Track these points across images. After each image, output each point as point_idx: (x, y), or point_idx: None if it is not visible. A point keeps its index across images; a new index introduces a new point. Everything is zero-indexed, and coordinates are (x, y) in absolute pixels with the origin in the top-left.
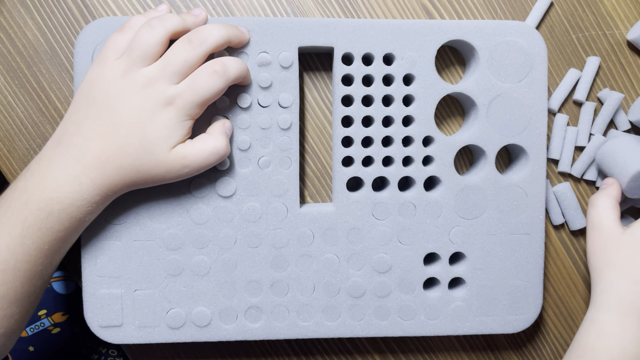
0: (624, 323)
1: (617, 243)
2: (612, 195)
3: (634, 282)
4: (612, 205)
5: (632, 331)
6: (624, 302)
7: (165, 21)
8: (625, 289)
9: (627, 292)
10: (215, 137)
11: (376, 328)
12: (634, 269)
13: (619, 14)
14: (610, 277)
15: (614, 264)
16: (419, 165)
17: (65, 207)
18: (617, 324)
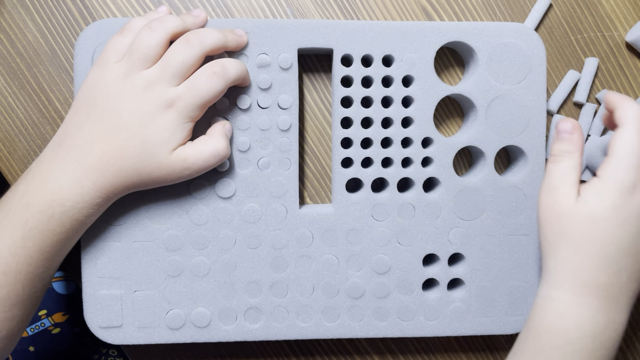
0: (580, 301)
1: (572, 214)
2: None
3: (589, 257)
4: (574, 167)
5: (589, 310)
6: (579, 279)
7: (165, 23)
8: (580, 265)
9: (582, 268)
10: (216, 139)
11: (375, 329)
12: (589, 245)
13: (618, 15)
14: (564, 252)
15: (568, 238)
16: (418, 166)
17: (66, 209)
18: (573, 302)
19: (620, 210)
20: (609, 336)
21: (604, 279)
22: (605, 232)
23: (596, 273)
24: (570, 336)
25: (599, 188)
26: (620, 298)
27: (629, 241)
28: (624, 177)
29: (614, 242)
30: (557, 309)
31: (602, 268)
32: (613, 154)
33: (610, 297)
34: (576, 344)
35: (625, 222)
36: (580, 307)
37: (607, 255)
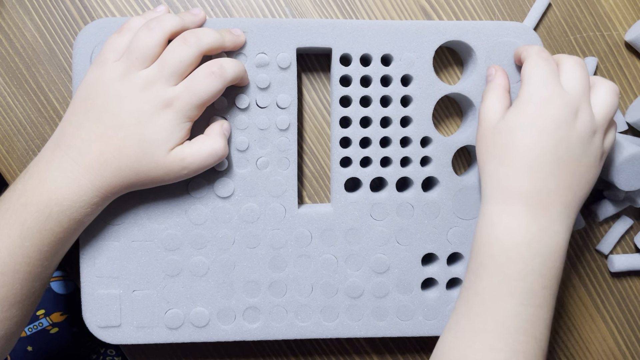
0: (509, 210)
1: (493, 132)
2: (499, 84)
3: (512, 166)
4: (498, 96)
5: (519, 217)
6: (506, 189)
7: (163, 22)
8: (504, 176)
9: (507, 178)
10: (213, 139)
11: (374, 328)
12: (510, 154)
13: (617, 15)
14: (490, 167)
15: (492, 153)
16: (416, 165)
17: (64, 208)
18: (503, 212)
19: (536, 118)
20: (545, 243)
21: (529, 186)
22: (524, 140)
23: (521, 181)
24: (503, 245)
25: (516, 106)
26: (552, 205)
27: (550, 147)
28: (536, 92)
29: (533, 149)
30: (490, 221)
31: (525, 176)
32: (524, 80)
33: (539, 204)
34: (510, 251)
35: (543, 130)
36: (510, 216)
37: (528, 163)
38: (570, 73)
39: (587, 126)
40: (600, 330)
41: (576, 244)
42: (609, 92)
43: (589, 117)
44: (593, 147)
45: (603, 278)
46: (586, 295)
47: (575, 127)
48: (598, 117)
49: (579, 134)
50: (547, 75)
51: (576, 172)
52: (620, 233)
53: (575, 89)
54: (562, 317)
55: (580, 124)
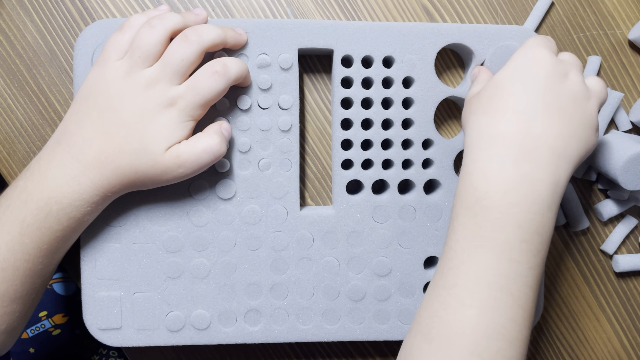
0: (486, 156)
1: (479, 94)
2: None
3: (494, 112)
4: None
5: (495, 162)
6: (485, 133)
7: (166, 20)
8: (485, 122)
9: (487, 124)
10: (209, 135)
11: (376, 332)
12: (491, 103)
13: (620, 13)
14: (472, 118)
15: (475, 108)
16: (418, 168)
17: (63, 206)
18: (480, 159)
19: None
20: (524, 191)
21: (510, 127)
22: (507, 89)
23: (502, 123)
24: (478, 193)
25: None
26: (536, 151)
27: (537, 94)
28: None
29: (519, 93)
30: (466, 170)
31: (508, 117)
32: None
33: (521, 148)
34: (484, 200)
35: (530, 79)
36: (487, 161)
37: (513, 106)
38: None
39: (579, 87)
40: (605, 330)
41: (580, 244)
42: (601, 81)
43: (580, 81)
44: (588, 110)
45: (608, 278)
46: (591, 295)
47: (566, 84)
48: (592, 89)
49: (569, 90)
50: (540, 41)
51: (568, 123)
52: (624, 233)
53: (569, 59)
54: (566, 317)
55: (571, 83)
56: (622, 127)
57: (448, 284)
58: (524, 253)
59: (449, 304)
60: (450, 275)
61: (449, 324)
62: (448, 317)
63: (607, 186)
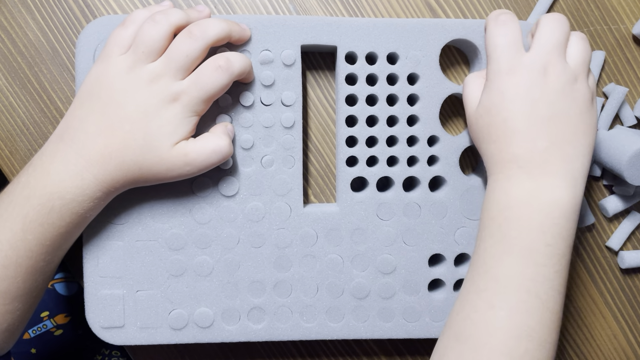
0: (504, 176)
1: (476, 117)
2: (482, 74)
3: (497, 141)
4: (476, 82)
5: (513, 179)
6: (498, 161)
7: (169, 15)
8: (495, 150)
9: (498, 151)
10: (218, 136)
11: (380, 330)
12: (493, 131)
13: (624, 8)
14: (482, 147)
15: (480, 135)
16: (423, 165)
17: (66, 202)
18: (499, 179)
19: (505, 91)
20: (544, 199)
21: (517, 151)
22: (501, 115)
23: (509, 150)
24: (500, 205)
25: (486, 86)
26: (548, 162)
27: (526, 111)
28: (497, 66)
29: (511, 118)
30: (489, 189)
31: (511, 143)
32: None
33: (532, 164)
34: (507, 210)
35: (514, 99)
36: (505, 180)
37: (511, 132)
38: (540, 32)
39: (562, 78)
40: (611, 327)
41: (586, 240)
42: (579, 39)
43: (561, 69)
44: (579, 94)
45: (613, 274)
46: (596, 292)
47: (548, 83)
48: (574, 65)
49: (554, 88)
50: (506, 44)
51: (567, 124)
52: (630, 229)
53: (542, 48)
54: (572, 314)
55: (553, 78)
56: (627, 122)
57: (478, 288)
58: (549, 257)
59: (479, 307)
60: (480, 280)
61: (480, 326)
62: (479, 319)
63: (612, 182)
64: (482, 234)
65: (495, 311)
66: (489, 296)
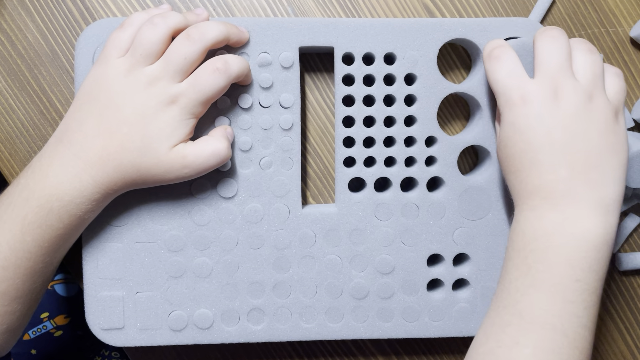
0: (529, 207)
1: (497, 149)
2: None
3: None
4: None
5: (538, 211)
6: (522, 192)
7: (167, 18)
8: (517, 181)
9: (520, 182)
10: (217, 139)
11: (380, 330)
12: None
13: (622, 11)
14: (507, 177)
15: (503, 166)
16: (421, 165)
17: (64, 204)
18: (524, 210)
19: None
20: (571, 232)
21: (539, 181)
22: (516, 148)
23: (530, 180)
24: (526, 238)
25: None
26: (572, 192)
27: (541, 142)
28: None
29: (527, 151)
30: (515, 220)
31: (533, 174)
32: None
33: (557, 194)
34: (532, 243)
35: (526, 130)
36: (530, 210)
37: (530, 162)
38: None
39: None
40: (609, 330)
41: None
42: (584, 52)
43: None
44: (597, 112)
45: (611, 277)
46: None
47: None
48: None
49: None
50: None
51: (589, 147)
52: (628, 231)
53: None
54: None
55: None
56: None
57: (503, 322)
58: (579, 293)
59: (504, 342)
60: (504, 313)
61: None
62: (503, 355)
63: None
64: (507, 265)
65: (520, 348)
66: (513, 332)
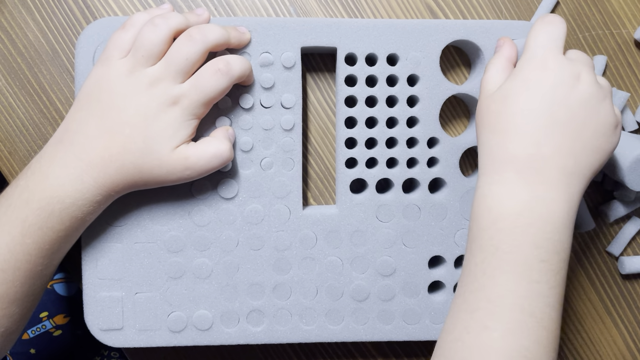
0: (499, 179)
1: (489, 101)
2: (503, 55)
3: (502, 133)
4: (502, 68)
5: (508, 185)
6: (497, 157)
7: (169, 19)
8: (496, 144)
9: (498, 146)
10: (219, 140)
11: (380, 332)
12: (502, 120)
13: (626, 12)
14: (484, 136)
15: (486, 122)
16: (423, 166)
17: (66, 206)
18: (493, 182)
19: (530, 82)
20: (539, 212)
21: (520, 152)
22: (517, 105)
23: (511, 147)
24: (492, 215)
25: (513, 72)
26: (547, 172)
27: (544, 110)
28: (531, 56)
29: (525, 113)
30: (481, 193)
31: (516, 141)
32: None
33: (531, 171)
34: (499, 222)
35: (537, 93)
36: (500, 184)
37: (520, 128)
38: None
39: (592, 90)
40: (611, 333)
41: (586, 245)
42: None
43: (593, 82)
44: (603, 112)
45: (613, 280)
46: (596, 297)
47: (577, 89)
48: (606, 85)
49: (581, 97)
50: (547, 40)
51: (579, 137)
52: (631, 234)
53: (580, 55)
54: (571, 320)
55: (583, 87)
56: (628, 127)
57: (470, 307)
58: (544, 273)
59: (472, 328)
60: (472, 298)
61: (473, 348)
62: (471, 340)
63: (613, 187)
64: (471, 246)
65: (489, 332)
66: (481, 316)
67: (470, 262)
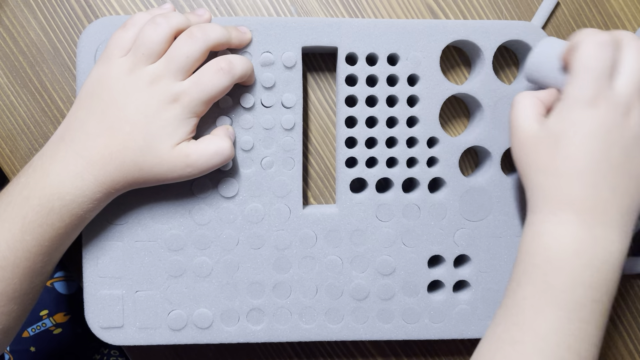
0: (557, 219)
1: (534, 141)
2: (537, 95)
3: (558, 175)
4: (533, 104)
5: (567, 226)
6: (554, 198)
7: (170, 18)
8: (552, 185)
9: (555, 187)
10: (220, 138)
11: (380, 331)
12: (553, 161)
13: (626, 13)
14: (535, 178)
15: (536, 164)
16: (423, 166)
17: (66, 203)
18: (550, 221)
19: (582, 124)
20: (596, 254)
21: (579, 194)
22: (571, 148)
23: (570, 189)
24: (549, 253)
25: (559, 108)
26: (607, 213)
27: (600, 153)
28: (581, 92)
29: (582, 156)
30: (536, 230)
31: (575, 183)
32: (572, 73)
33: (591, 212)
34: (556, 261)
35: (591, 136)
36: (558, 224)
37: (577, 170)
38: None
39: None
40: (611, 335)
41: None
42: None
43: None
44: None
45: None
46: None
47: (629, 127)
48: None
49: (633, 134)
50: (600, 70)
51: (634, 175)
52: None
53: (630, 84)
54: None
55: (634, 122)
56: None
57: (513, 339)
58: (594, 314)
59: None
60: (515, 330)
61: None
62: None
63: None
64: (520, 279)
65: None
66: (525, 350)
67: (517, 295)
